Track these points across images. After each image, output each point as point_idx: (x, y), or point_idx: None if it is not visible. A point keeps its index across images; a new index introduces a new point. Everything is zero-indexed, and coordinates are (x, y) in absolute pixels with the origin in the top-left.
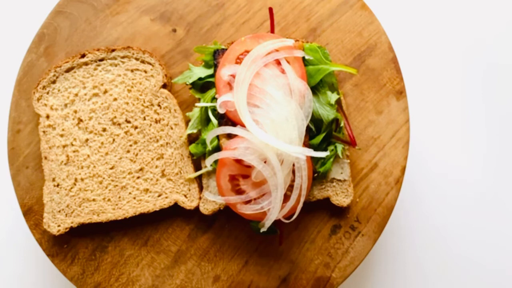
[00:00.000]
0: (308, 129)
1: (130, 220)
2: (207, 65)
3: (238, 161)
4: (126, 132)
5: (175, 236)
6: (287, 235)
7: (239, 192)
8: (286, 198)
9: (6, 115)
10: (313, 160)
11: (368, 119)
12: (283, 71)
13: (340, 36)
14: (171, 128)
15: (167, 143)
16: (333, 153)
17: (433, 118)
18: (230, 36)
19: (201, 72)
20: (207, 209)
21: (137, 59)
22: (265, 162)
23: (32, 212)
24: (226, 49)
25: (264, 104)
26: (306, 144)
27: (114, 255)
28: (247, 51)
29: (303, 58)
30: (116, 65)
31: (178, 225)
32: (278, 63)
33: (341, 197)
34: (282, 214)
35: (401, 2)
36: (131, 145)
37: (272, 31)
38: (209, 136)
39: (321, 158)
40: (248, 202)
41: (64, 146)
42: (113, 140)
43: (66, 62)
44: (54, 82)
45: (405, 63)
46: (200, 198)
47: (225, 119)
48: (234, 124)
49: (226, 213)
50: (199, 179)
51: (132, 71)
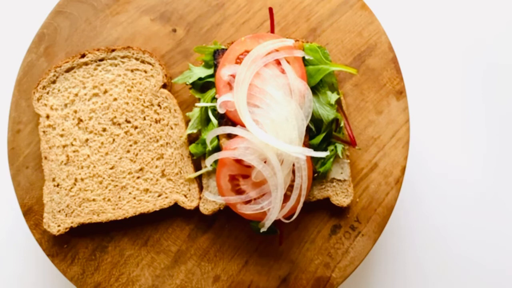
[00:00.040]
0: (308, 129)
1: (130, 220)
2: (207, 65)
3: (238, 161)
4: (126, 132)
5: (175, 236)
6: (287, 235)
7: (239, 192)
8: (286, 198)
9: (6, 115)
10: (313, 160)
11: (368, 119)
12: (283, 71)
13: (340, 36)
14: (171, 128)
15: (167, 143)
16: (333, 153)
17: (433, 118)
18: (230, 36)
19: (201, 72)
20: (207, 209)
21: (137, 59)
22: (265, 162)
23: (32, 212)
24: (226, 49)
25: (264, 104)
26: (306, 144)
27: (114, 255)
28: (247, 51)
29: (303, 58)
30: (116, 65)
31: (178, 225)
32: (278, 63)
33: (341, 197)
34: (282, 214)
35: (401, 2)
36: (131, 145)
37: (272, 31)
38: (209, 136)
39: (321, 158)
40: (248, 202)
41: (64, 146)
42: (113, 140)
43: (66, 62)
44: (54, 82)
45: (405, 63)
46: (200, 198)
47: (225, 119)
48: (234, 124)
49: (226, 213)
50: (199, 179)
51: (132, 71)
